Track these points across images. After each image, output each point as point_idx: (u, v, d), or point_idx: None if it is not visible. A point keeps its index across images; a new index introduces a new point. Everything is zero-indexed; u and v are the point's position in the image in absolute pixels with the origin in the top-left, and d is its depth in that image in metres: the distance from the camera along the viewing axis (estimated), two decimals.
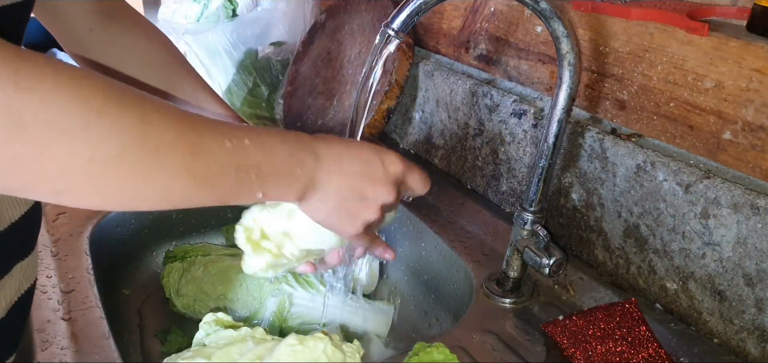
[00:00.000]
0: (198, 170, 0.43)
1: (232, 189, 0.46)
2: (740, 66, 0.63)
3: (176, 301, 0.88)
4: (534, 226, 0.73)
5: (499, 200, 0.97)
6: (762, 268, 0.63)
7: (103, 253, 0.87)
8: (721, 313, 0.68)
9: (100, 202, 0.41)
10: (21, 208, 0.51)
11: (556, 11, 0.62)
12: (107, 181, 0.39)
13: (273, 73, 1.36)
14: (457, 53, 1.03)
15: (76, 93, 0.36)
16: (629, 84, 0.75)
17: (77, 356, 0.64)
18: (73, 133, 0.36)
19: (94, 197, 0.40)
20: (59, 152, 0.36)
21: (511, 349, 0.69)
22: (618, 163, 0.76)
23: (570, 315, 0.72)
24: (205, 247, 0.95)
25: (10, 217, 0.49)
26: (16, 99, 0.34)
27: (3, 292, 0.50)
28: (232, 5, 1.45)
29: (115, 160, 0.38)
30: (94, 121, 0.37)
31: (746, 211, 0.63)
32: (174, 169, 0.41)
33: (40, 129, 0.35)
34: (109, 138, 0.37)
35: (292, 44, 1.34)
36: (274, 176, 0.48)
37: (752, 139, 0.64)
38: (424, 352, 0.65)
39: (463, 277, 0.86)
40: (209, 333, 0.67)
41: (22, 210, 0.51)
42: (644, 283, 0.76)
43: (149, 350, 0.86)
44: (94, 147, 0.37)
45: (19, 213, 0.50)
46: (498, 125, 0.93)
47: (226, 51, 1.35)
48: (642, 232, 0.75)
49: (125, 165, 0.39)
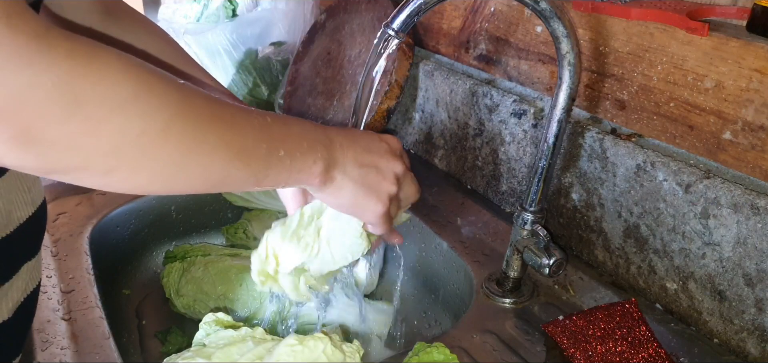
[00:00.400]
0: (235, 144, 0.45)
1: (265, 165, 0.48)
2: (740, 66, 0.63)
3: (176, 301, 0.88)
4: (534, 226, 0.73)
5: (499, 200, 0.97)
6: (762, 268, 0.63)
7: (103, 253, 0.87)
8: (721, 313, 0.68)
9: (147, 182, 0.42)
10: (29, 208, 0.51)
11: (556, 11, 0.62)
12: (155, 156, 0.40)
13: (273, 73, 1.36)
14: (457, 53, 1.03)
15: (126, 69, 0.38)
16: (629, 84, 0.75)
17: (77, 356, 0.64)
18: (125, 107, 0.37)
19: (142, 175, 0.41)
20: (113, 127, 0.37)
21: (511, 349, 0.69)
22: (618, 163, 0.76)
23: (570, 315, 0.72)
24: (205, 247, 0.95)
25: (19, 217, 0.50)
26: (72, 77, 0.35)
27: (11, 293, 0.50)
28: (232, 5, 1.45)
29: (163, 133, 0.40)
30: (144, 94, 0.38)
31: (746, 211, 0.63)
32: (214, 141, 0.43)
33: (96, 105, 0.36)
34: (158, 109, 0.39)
35: (292, 44, 1.34)
36: (300, 152, 0.50)
37: (752, 139, 0.64)
38: (424, 352, 0.65)
39: (463, 277, 0.86)
40: (209, 333, 0.67)
41: (30, 210, 0.51)
42: (644, 283, 0.76)
43: (149, 350, 0.86)
44: (144, 119, 0.38)
45: (28, 213, 0.51)
46: (498, 125, 0.93)
47: (226, 51, 1.35)
48: (642, 232, 0.75)
49: (172, 137, 0.40)
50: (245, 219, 1.03)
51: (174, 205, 1.01)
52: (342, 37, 1.18)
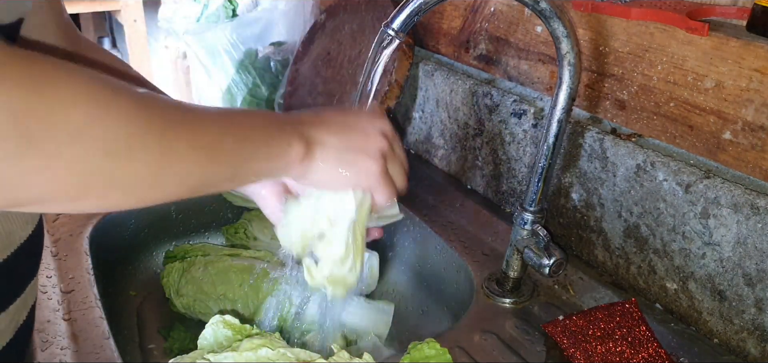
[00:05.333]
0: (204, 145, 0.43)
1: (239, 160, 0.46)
2: (740, 66, 0.63)
3: (176, 301, 0.88)
4: (534, 226, 0.73)
5: (499, 200, 0.97)
6: (762, 268, 0.63)
7: (103, 253, 0.87)
8: (721, 313, 0.68)
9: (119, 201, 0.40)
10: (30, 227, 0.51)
11: (556, 11, 0.62)
12: (123, 175, 0.38)
13: (273, 73, 1.36)
14: (457, 53, 1.03)
15: (79, 91, 0.35)
16: (629, 84, 0.75)
17: (77, 356, 0.64)
18: (81, 135, 0.35)
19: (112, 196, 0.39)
20: (72, 157, 0.35)
21: (511, 349, 0.69)
22: (618, 163, 0.76)
23: (570, 315, 0.72)
24: (205, 247, 0.95)
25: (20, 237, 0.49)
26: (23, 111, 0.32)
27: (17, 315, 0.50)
28: (232, 5, 1.45)
29: (127, 151, 0.37)
30: (100, 115, 0.36)
31: (746, 211, 0.63)
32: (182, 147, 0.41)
33: (50, 138, 0.33)
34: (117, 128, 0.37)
35: (292, 44, 1.34)
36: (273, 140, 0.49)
37: (752, 139, 0.64)
38: (415, 350, 0.65)
39: (463, 277, 0.86)
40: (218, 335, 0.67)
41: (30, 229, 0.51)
42: (644, 283, 0.76)
43: (149, 350, 0.86)
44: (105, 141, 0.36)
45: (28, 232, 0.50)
46: (498, 125, 0.93)
47: (226, 51, 1.35)
48: (642, 232, 0.75)
49: (137, 153, 0.38)
50: (245, 219, 1.03)
51: (174, 205, 1.01)
52: (342, 37, 1.18)
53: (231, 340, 0.67)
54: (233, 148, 0.45)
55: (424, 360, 0.64)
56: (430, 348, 0.65)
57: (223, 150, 0.45)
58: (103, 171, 0.37)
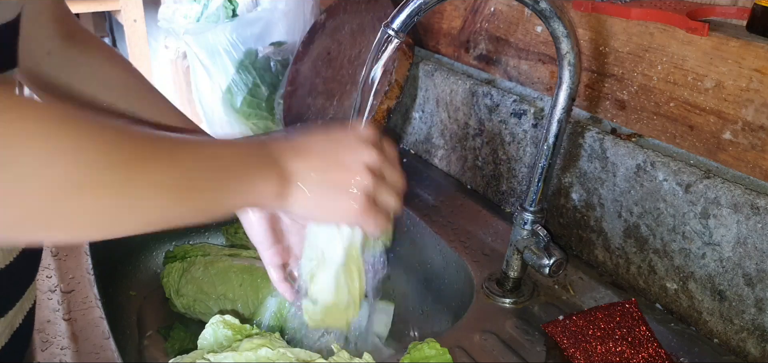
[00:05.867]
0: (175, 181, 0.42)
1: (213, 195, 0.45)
2: (740, 66, 0.63)
3: (176, 301, 0.88)
4: (534, 226, 0.73)
5: (499, 200, 0.97)
6: (762, 268, 0.63)
7: (103, 253, 0.86)
8: (721, 313, 0.68)
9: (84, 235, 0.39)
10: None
11: (556, 11, 0.62)
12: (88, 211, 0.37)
13: (273, 73, 1.36)
14: (457, 53, 1.03)
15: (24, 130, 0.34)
16: (629, 84, 0.75)
17: (77, 356, 0.64)
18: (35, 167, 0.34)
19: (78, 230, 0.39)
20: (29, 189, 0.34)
21: (511, 349, 0.69)
22: (618, 163, 0.76)
23: (570, 315, 0.72)
24: (205, 247, 0.95)
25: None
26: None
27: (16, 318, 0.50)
28: (232, 5, 1.45)
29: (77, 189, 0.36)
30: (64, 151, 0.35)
31: (746, 211, 0.63)
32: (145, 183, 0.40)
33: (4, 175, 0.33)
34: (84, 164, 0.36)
35: (292, 44, 1.34)
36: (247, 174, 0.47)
37: (752, 139, 0.64)
38: (415, 350, 0.65)
39: (463, 277, 0.86)
40: (218, 335, 0.67)
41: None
42: (644, 283, 0.76)
43: (149, 350, 0.86)
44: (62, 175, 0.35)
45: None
46: (498, 125, 0.93)
47: (226, 51, 1.35)
48: (642, 232, 0.75)
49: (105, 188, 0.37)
50: None
51: None
52: (342, 37, 1.18)
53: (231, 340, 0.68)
54: (203, 184, 0.44)
55: (424, 360, 0.64)
56: (430, 348, 0.65)
57: (192, 185, 0.43)
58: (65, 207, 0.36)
